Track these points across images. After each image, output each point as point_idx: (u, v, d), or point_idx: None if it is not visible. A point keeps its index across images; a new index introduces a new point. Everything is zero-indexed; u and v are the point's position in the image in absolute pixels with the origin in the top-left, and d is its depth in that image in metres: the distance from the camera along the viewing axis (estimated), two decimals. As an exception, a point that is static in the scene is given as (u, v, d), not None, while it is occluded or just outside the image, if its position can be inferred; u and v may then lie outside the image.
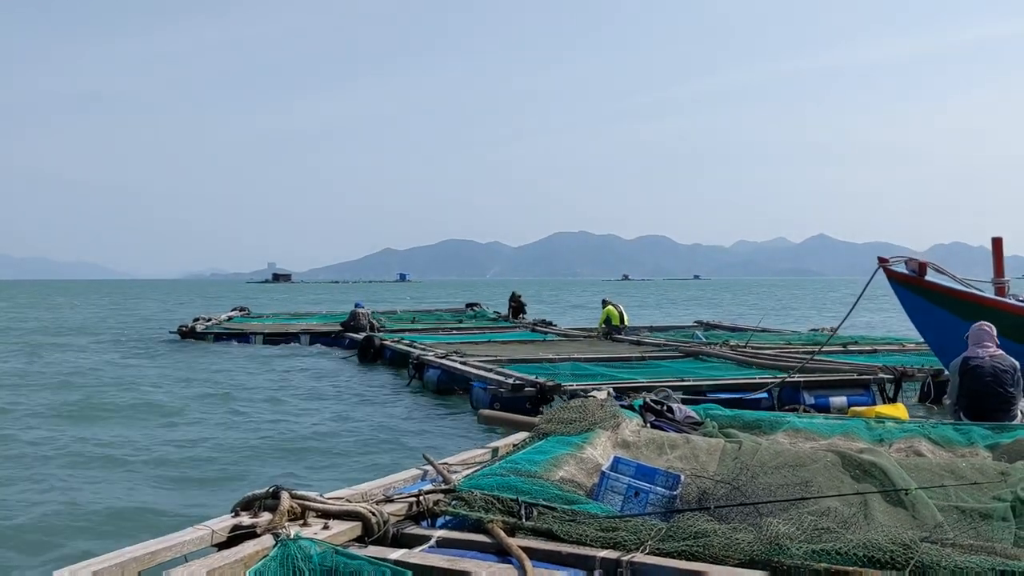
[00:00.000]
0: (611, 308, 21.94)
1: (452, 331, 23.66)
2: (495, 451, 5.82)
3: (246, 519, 3.65)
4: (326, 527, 3.67)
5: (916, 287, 10.55)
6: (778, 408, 10.46)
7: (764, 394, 10.95)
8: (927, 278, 10.55)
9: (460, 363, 13.91)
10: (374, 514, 3.82)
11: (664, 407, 7.13)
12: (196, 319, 28.47)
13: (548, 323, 26.31)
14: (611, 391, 9.28)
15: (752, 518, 3.92)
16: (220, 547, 3.50)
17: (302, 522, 3.70)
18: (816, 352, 13.29)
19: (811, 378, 11.59)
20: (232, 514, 3.74)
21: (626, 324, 22.02)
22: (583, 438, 5.66)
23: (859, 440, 6.33)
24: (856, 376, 11.83)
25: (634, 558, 3.43)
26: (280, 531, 3.48)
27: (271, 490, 3.78)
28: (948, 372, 8.59)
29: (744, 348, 15.78)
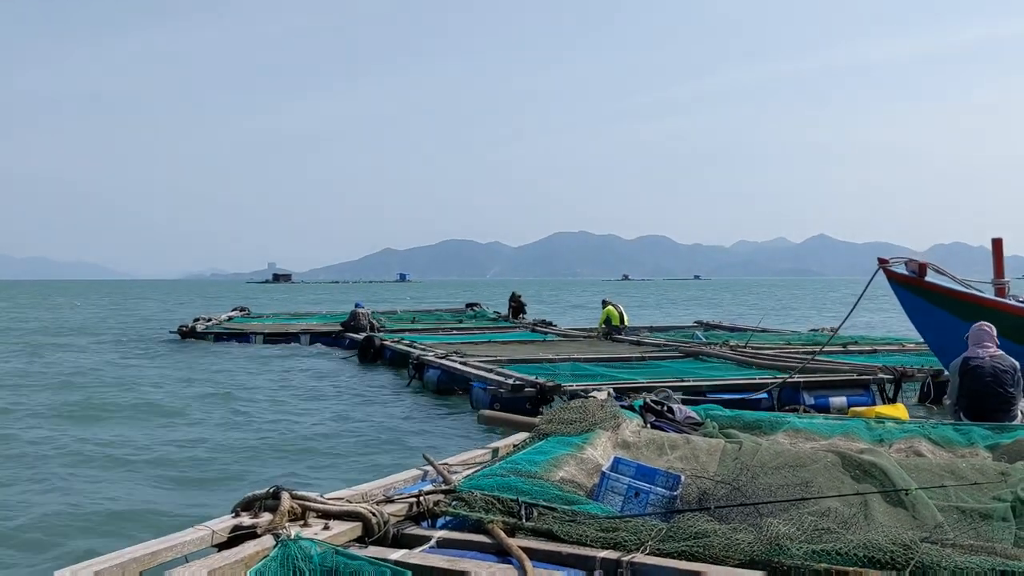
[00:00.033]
0: (611, 308, 21.93)
1: (452, 331, 23.66)
2: (495, 451, 5.81)
3: (247, 519, 3.65)
4: (326, 527, 3.67)
5: (916, 288, 10.56)
6: (778, 408, 10.46)
7: (764, 394, 10.94)
8: (927, 279, 10.55)
9: (460, 363, 13.90)
10: (374, 514, 3.82)
11: (664, 407, 7.13)
12: (196, 319, 28.46)
13: (548, 323, 26.29)
14: (611, 391, 9.28)
15: (752, 518, 3.92)
16: (221, 547, 3.50)
17: (302, 522, 3.70)
18: (816, 352, 13.29)
19: (811, 378, 11.59)
20: (233, 514, 3.75)
21: (626, 324, 22.01)
22: (583, 438, 5.65)
23: (859, 440, 6.33)
24: (856, 376, 11.83)
25: (634, 558, 3.44)
26: (281, 531, 3.49)
27: (271, 490, 3.79)
28: (948, 372, 8.59)
29: (744, 348, 15.76)
